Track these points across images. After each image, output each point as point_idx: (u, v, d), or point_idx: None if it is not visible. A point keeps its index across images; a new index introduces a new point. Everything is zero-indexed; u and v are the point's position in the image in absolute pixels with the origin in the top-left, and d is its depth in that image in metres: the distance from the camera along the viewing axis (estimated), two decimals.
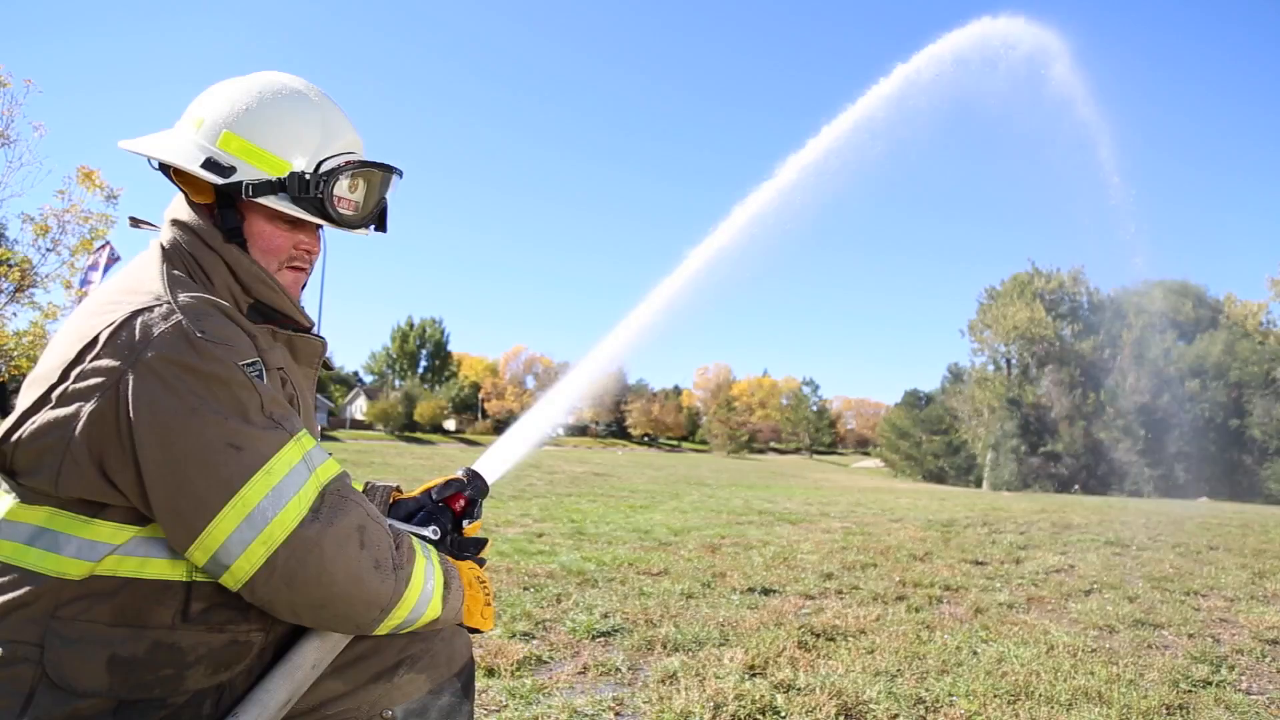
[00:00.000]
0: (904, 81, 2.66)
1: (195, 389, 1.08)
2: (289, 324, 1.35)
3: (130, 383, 1.06)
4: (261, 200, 1.26)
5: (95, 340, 1.10)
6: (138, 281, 1.20)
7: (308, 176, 1.27)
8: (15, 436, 1.10)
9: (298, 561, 1.12)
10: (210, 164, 1.24)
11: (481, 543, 1.52)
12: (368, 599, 1.18)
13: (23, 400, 1.13)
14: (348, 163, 1.31)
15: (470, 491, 1.53)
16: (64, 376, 1.09)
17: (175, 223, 1.30)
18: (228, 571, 1.11)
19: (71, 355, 1.10)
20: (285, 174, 1.27)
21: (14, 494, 1.13)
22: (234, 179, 1.25)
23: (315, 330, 1.41)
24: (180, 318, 1.11)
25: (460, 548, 1.48)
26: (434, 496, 1.51)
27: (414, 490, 1.55)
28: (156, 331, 1.09)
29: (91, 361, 1.08)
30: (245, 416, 1.11)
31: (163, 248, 1.27)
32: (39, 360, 1.18)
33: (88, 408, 1.06)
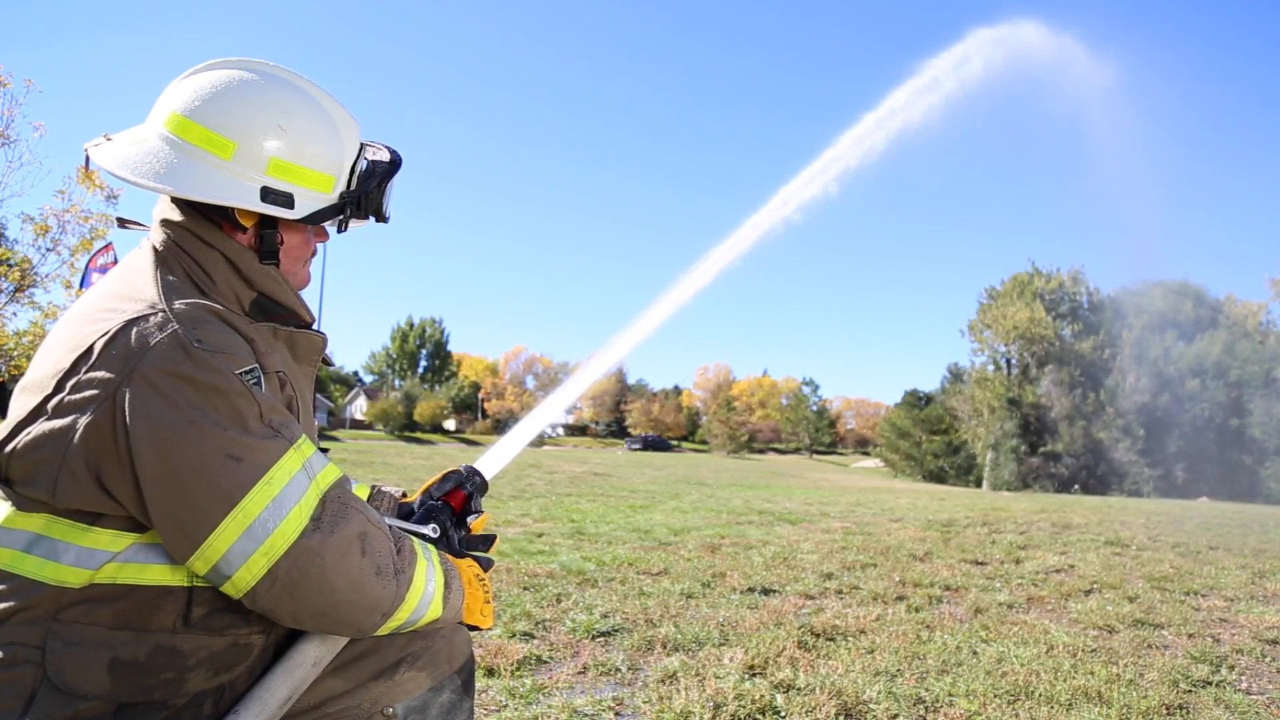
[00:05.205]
0: (913, 90, 2.69)
1: (193, 400, 1.07)
2: (292, 319, 1.34)
3: (127, 395, 1.04)
4: (326, 223, 1.31)
5: (90, 350, 1.08)
6: (132, 287, 1.17)
7: (353, 188, 1.31)
8: (10, 447, 1.08)
9: (299, 572, 1.11)
10: (269, 195, 1.22)
11: (490, 539, 1.52)
12: (370, 605, 1.18)
13: (16, 408, 1.11)
14: (388, 165, 1.36)
15: (469, 486, 1.53)
16: (59, 387, 1.07)
17: (168, 223, 1.26)
18: (229, 581, 1.11)
19: (66, 365, 1.08)
20: (331, 189, 1.30)
21: (10, 501, 1.12)
22: (302, 210, 1.26)
23: (315, 326, 1.40)
24: (176, 327, 1.09)
25: (465, 545, 1.48)
26: (433, 493, 1.51)
27: (415, 492, 1.55)
28: (152, 342, 1.07)
29: (86, 373, 1.06)
30: (244, 427, 1.10)
31: (155, 249, 1.24)
32: (30, 365, 1.16)
33: (84, 420, 1.05)
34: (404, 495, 1.51)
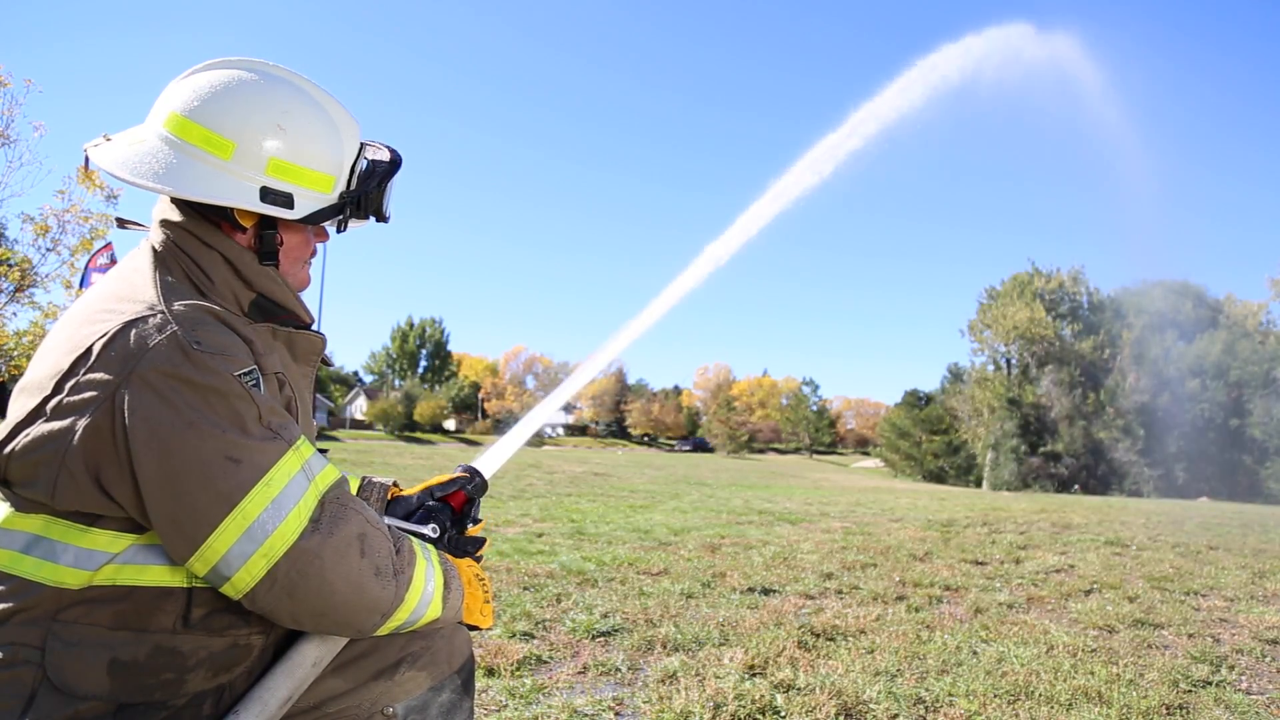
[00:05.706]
0: (909, 88, 2.68)
1: (192, 402, 1.06)
2: (291, 319, 1.33)
3: (125, 397, 1.04)
4: (326, 223, 1.31)
5: (89, 352, 1.07)
6: (131, 288, 1.17)
7: (353, 188, 1.31)
8: (9, 448, 1.08)
9: (299, 573, 1.11)
10: (268, 195, 1.22)
11: (480, 542, 1.52)
12: (369, 606, 1.18)
13: (15, 409, 1.11)
14: (388, 165, 1.36)
15: (470, 489, 1.53)
16: (57, 389, 1.07)
17: (168, 223, 1.25)
18: (228, 582, 1.11)
19: (65, 366, 1.08)
20: (331, 189, 1.29)
21: (8, 502, 1.12)
22: (302, 210, 1.26)
23: (314, 327, 1.40)
24: (175, 328, 1.09)
25: (460, 545, 1.48)
26: (435, 494, 1.51)
27: (414, 488, 1.55)
28: (151, 343, 1.07)
29: (85, 374, 1.06)
30: (243, 428, 1.10)
31: (154, 250, 1.23)
32: (29, 366, 1.16)
33: (82, 422, 1.04)
34: (395, 485, 1.51)
